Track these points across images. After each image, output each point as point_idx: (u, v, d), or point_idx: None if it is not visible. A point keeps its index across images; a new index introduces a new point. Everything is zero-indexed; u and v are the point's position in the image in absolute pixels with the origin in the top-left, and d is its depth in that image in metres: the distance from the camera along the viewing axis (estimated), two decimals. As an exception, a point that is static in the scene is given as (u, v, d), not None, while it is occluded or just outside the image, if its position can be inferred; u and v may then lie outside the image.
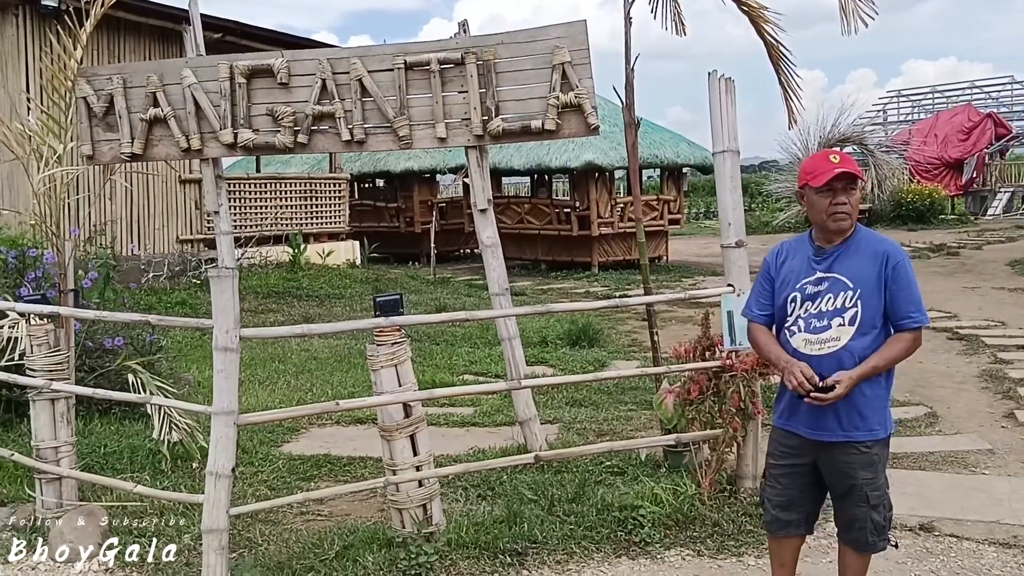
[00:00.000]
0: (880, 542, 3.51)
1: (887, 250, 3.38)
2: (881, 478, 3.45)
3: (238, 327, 4.19)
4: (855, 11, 6.84)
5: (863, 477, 3.40)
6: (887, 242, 3.44)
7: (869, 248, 3.40)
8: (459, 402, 7.62)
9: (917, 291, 3.35)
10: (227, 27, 14.81)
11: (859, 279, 3.36)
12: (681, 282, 16.71)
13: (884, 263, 3.34)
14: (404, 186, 22.45)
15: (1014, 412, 7.00)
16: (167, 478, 5.69)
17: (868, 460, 3.40)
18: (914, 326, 3.34)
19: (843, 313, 3.37)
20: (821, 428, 3.42)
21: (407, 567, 4.31)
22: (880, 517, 3.46)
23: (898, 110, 40.12)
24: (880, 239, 3.46)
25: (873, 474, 3.41)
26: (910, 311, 3.33)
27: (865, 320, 3.34)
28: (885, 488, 3.47)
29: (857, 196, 3.41)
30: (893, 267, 3.33)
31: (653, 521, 4.73)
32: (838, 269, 3.40)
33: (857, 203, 3.42)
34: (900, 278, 3.33)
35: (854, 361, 3.33)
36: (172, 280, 14.50)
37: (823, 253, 3.46)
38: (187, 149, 5.40)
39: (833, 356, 3.36)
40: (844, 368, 3.33)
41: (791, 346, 3.46)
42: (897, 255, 3.36)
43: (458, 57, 5.13)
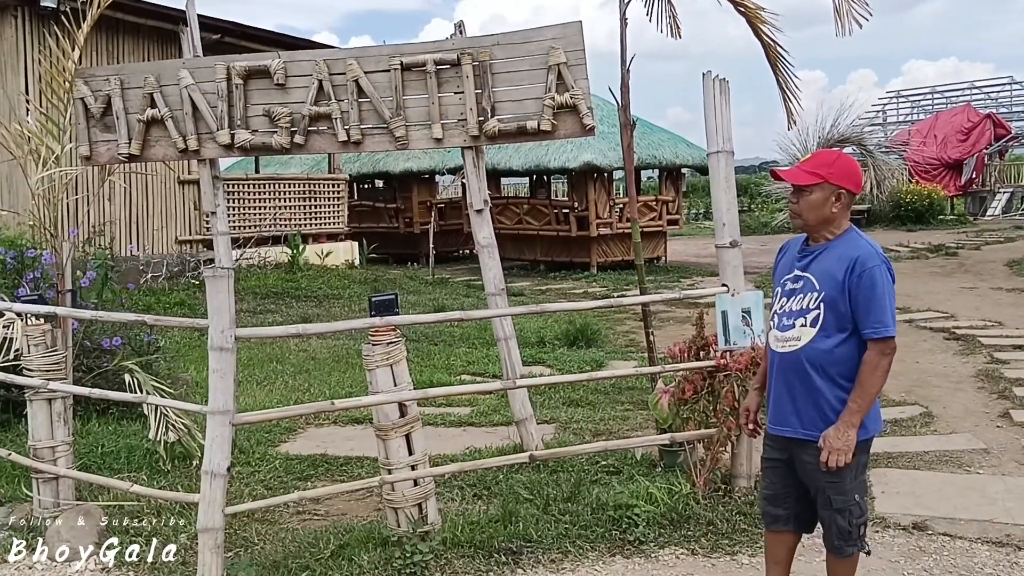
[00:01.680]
0: (847, 547, 3.42)
1: (858, 256, 3.28)
2: (848, 483, 3.35)
3: (233, 327, 4.21)
4: (849, 12, 6.85)
5: (825, 480, 3.34)
6: (863, 248, 3.32)
7: (843, 252, 3.33)
8: (456, 402, 7.64)
9: (883, 300, 3.24)
10: (225, 28, 14.84)
11: (825, 282, 3.31)
12: (679, 282, 16.73)
13: (851, 269, 3.26)
14: (403, 187, 22.48)
15: (1009, 412, 7.02)
16: (164, 478, 5.71)
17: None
18: (874, 336, 3.24)
19: (806, 314, 3.35)
20: (783, 424, 3.45)
21: (402, 566, 4.33)
22: (845, 522, 3.38)
23: (897, 111, 40.15)
24: (858, 244, 3.35)
25: (837, 478, 3.32)
26: (872, 321, 3.23)
27: (828, 323, 3.30)
28: (855, 494, 3.37)
29: (812, 199, 3.35)
30: (859, 274, 3.24)
31: (648, 520, 4.75)
32: (812, 269, 3.38)
33: (811, 206, 3.36)
34: (864, 286, 3.23)
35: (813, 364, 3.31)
36: (171, 281, 14.52)
37: (806, 252, 3.45)
38: (184, 150, 5.41)
39: (794, 355, 3.37)
40: (803, 368, 3.33)
41: (768, 342, 3.55)
42: (867, 262, 3.25)
43: (454, 58, 5.15)
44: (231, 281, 4.21)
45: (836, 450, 3.24)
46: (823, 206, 3.36)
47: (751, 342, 4.99)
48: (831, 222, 3.39)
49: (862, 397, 3.25)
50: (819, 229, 3.41)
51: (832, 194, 3.35)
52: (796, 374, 3.38)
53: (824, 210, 3.36)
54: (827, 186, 3.35)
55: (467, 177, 5.86)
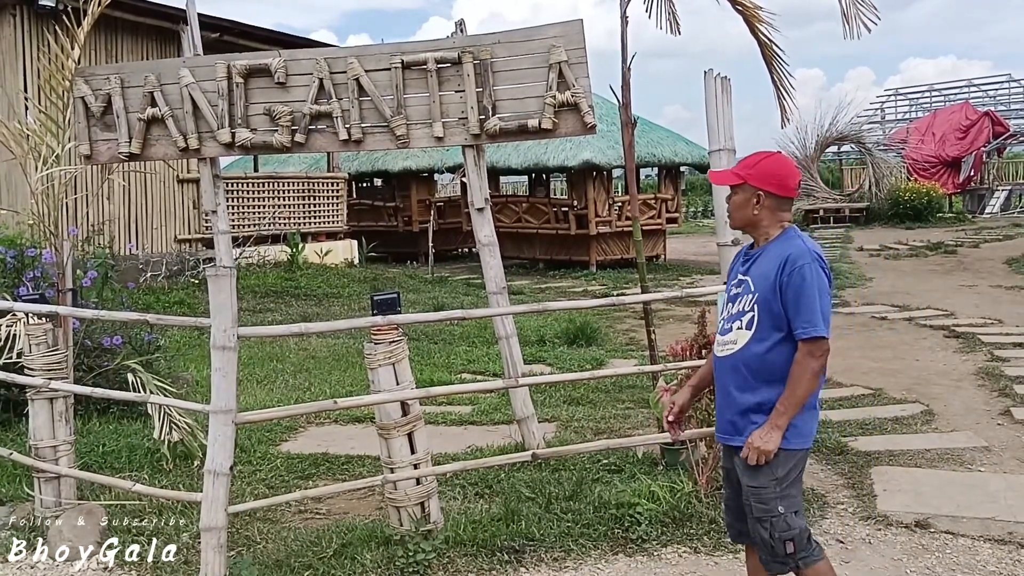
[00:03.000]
0: (773, 563, 3.26)
1: (789, 254, 3.18)
2: (770, 492, 3.19)
3: (236, 326, 4.21)
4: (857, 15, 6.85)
5: (747, 484, 3.25)
6: (796, 246, 3.22)
7: (777, 252, 3.23)
8: (457, 400, 7.64)
9: (811, 299, 3.12)
10: (225, 27, 14.82)
11: (759, 283, 3.23)
12: (679, 281, 16.73)
13: (781, 267, 3.17)
14: (402, 185, 22.46)
15: (1010, 409, 7.02)
16: (166, 477, 5.70)
17: (754, 468, 3.21)
18: (803, 336, 3.12)
19: (742, 316, 3.28)
20: (722, 430, 3.38)
21: (405, 565, 4.33)
22: (767, 534, 3.21)
23: (896, 108, 40.13)
24: (791, 244, 3.24)
25: (756, 484, 3.20)
26: (801, 320, 3.12)
27: (762, 325, 3.21)
28: (779, 506, 3.19)
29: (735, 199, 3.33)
30: (789, 272, 3.14)
31: (650, 518, 4.75)
32: (751, 272, 3.30)
33: (734, 206, 3.33)
34: (793, 284, 3.13)
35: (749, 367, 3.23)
36: (170, 280, 14.50)
37: (748, 255, 3.39)
38: (185, 148, 5.40)
39: (730, 359, 3.30)
40: (740, 371, 3.25)
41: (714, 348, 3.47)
42: (798, 260, 3.15)
43: (455, 56, 5.14)
44: (233, 280, 4.21)
45: (755, 448, 3.15)
46: (744, 207, 3.31)
47: (753, 340, 4.97)
48: (756, 225, 3.32)
49: (789, 398, 3.14)
50: (748, 231, 3.37)
51: (752, 196, 3.28)
52: (733, 378, 3.29)
53: (746, 212, 3.31)
54: (747, 187, 3.29)
55: (468, 175, 5.86)
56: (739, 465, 3.27)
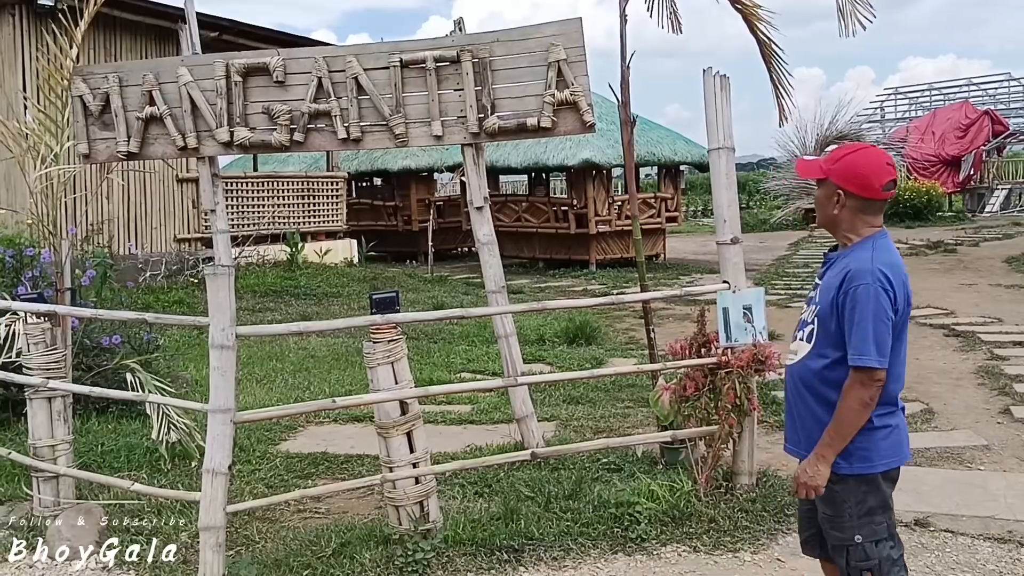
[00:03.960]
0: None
1: (851, 271, 2.94)
2: (847, 521, 3.02)
3: (234, 325, 4.20)
4: (853, 13, 6.86)
5: (822, 511, 3.10)
6: (861, 262, 2.95)
7: (845, 264, 3.00)
8: (456, 400, 7.63)
9: (864, 324, 2.87)
10: (223, 26, 14.81)
11: (823, 295, 3.04)
12: (678, 280, 16.72)
13: (841, 284, 2.95)
14: (401, 184, 22.46)
15: (1010, 408, 7.02)
16: (165, 477, 5.70)
17: (826, 495, 3.02)
18: (852, 364, 2.90)
19: (805, 327, 3.12)
20: (789, 440, 3.23)
21: (404, 564, 4.32)
22: (843, 563, 3.05)
23: (895, 107, 40.15)
24: (859, 257, 2.98)
25: (833, 512, 3.04)
26: (851, 346, 2.91)
27: (820, 341, 3.02)
28: (856, 534, 3.01)
29: (818, 194, 3.12)
30: (845, 292, 2.92)
31: (649, 518, 4.74)
32: (824, 279, 3.10)
33: (818, 202, 3.14)
34: (847, 305, 2.92)
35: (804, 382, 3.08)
36: (169, 279, 14.49)
37: (827, 259, 3.17)
38: (183, 147, 5.39)
39: (792, 369, 3.16)
40: (796, 384, 3.11)
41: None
42: (856, 279, 2.91)
43: (454, 55, 5.13)
44: (232, 279, 4.20)
45: (801, 484, 3.00)
46: (825, 205, 3.10)
47: (753, 339, 4.97)
48: (837, 224, 3.08)
49: (835, 429, 2.94)
50: (831, 230, 3.13)
51: (832, 194, 3.04)
52: (791, 389, 3.17)
53: (827, 209, 3.09)
54: (828, 183, 3.06)
55: (467, 174, 5.85)
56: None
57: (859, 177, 3.01)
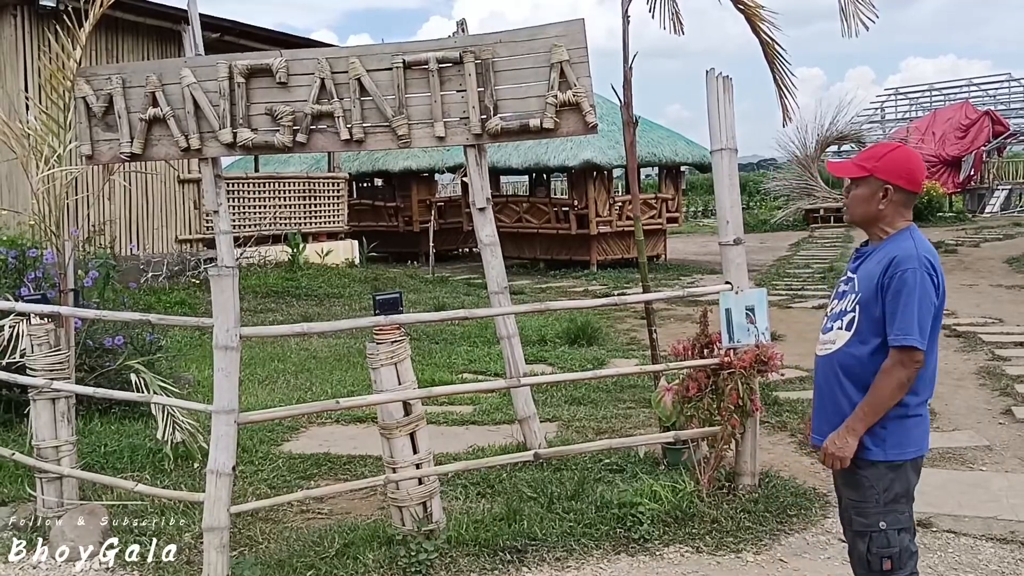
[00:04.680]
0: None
1: (895, 256, 3.06)
2: (871, 506, 3.09)
3: (238, 326, 4.21)
4: (855, 13, 6.87)
5: (848, 497, 3.18)
6: (905, 248, 3.08)
7: (886, 252, 3.11)
8: (458, 400, 7.64)
9: (910, 306, 3.00)
10: (225, 27, 14.82)
11: (864, 283, 3.13)
12: (679, 280, 16.73)
13: (885, 270, 3.05)
14: (402, 185, 22.47)
15: (1011, 409, 7.03)
16: (168, 477, 5.70)
17: (853, 479, 3.13)
18: (895, 344, 3.01)
19: (843, 316, 3.18)
20: (819, 433, 3.25)
21: (407, 564, 4.33)
22: (864, 549, 3.10)
23: (896, 108, 40.17)
24: (901, 245, 3.10)
25: (859, 497, 3.12)
26: (895, 328, 3.01)
27: (863, 328, 3.10)
28: (880, 522, 3.08)
29: (858, 193, 3.17)
30: (891, 276, 3.03)
31: (652, 518, 4.75)
32: (860, 270, 3.19)
33: (856, 201, 3.19)
34: (893, 288, 3.02)
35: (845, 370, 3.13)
36: (171, 280, 14.50)
37: (860, 253, 3.27)
38: (186, 149, 5.39)
39: (827, 359, 3.21)
40: (835, 373, 3.15)
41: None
42: (903, 264, 3.02)
43: (456, 56, 5.14)
44: (236, 280, 4.21)
45: (829, 454, 3.08)
46: (868, 201, 3.16)
47: (755, 340, 4.98)
48: (879, 220, 3.17)
49: (869, 404, 3.04)
50: (868, 226, 3.21)
51: (879, 189, 3.13)
52: (827, 380, 3.20)
53: (869, 206, 3.16)
54: (873, 180, 3.15)
55: (469, 175, 5.86)
56: (839, 474, 3.19)
57: (908, 172, 3.17)
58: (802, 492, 5.22)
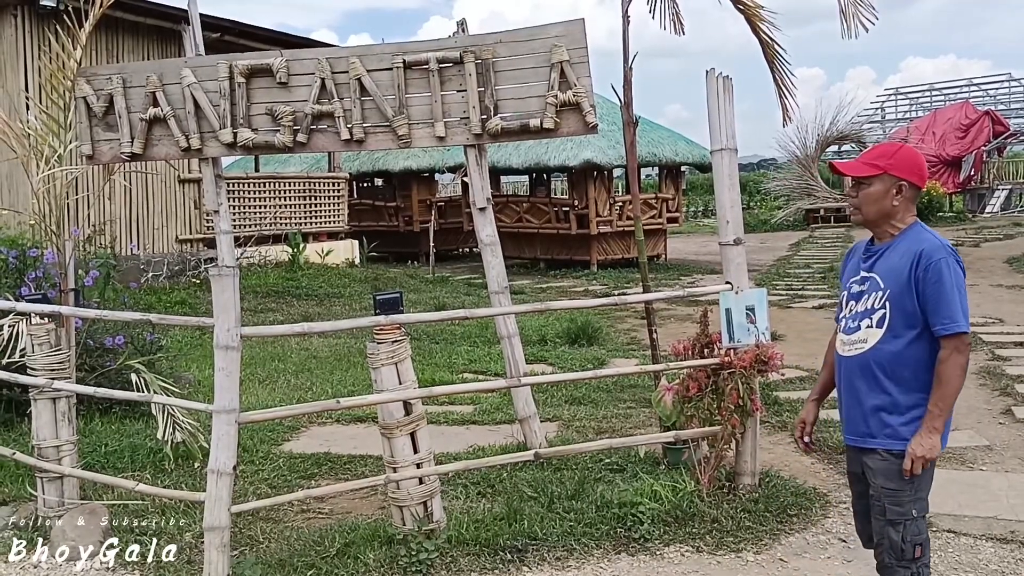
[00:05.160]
0: (900, 567, 3.18)
1: (923, 249, 3.12)
2: (906, 495, 3.17)
3: (239, 325, 4.22)
4: (855, 15, 6.88)
5: (882, 486, 3.20)
6: (928, 240, 3.16)
7: (908, 246, 3.18)
8: (459, 400, 7.64)
9: (951, 294, 3.07)
10: (225, 27, 14.82)
11: (890, 279, 3.17)
12: (680, 280, 16.74)
13: (916, 263, 3.11)
14: (403, 185, 22.48)
15: (1011, 409, 7.03)
16: (169, 477, 5.71)
17: (889, 470, 3.18)
18: (944, 333, 3.07)
19: (872, 314, 3.21)
20: (853, 432, 3.31)
21: (408, 564, 4.34)
22: (898, 537, 3.16)
23: (896, 108, 40.16)
24: (922, 237, 3.19)
25: (895, 486, 3.17)
26: (941, 317, 3.07)
27: (895, 323, 3.15)
28: (912, 510, 3.18)
29: (872, 191, 3.22)
30: (925, 268, 3.09)
31: (652, 518, 4.75)
32: (877, 268, 3.24)
33: (871, 199, 3.23)
34: (930, 280, 3.08)
35: (881, 366, 3.17)
36: (171, 280, 14.51)
37: (871, 251, 3.32)
38: (187, 148, 5.40)
39: (861, 358, 3.24)
40: (871, 371, 3.20)
41: (836, 348, 3.40)
42: (933, 255, 3.10)
43: (457, 56, 5.14)
44: (236, 280, 4.21)
45: (920, 457, 3.10)
46: (883, 199, 3.23)
47: (755, 340, 4.99)
48: (892, 216, 3.24)
49: (943, 399, 3.11)
50: (880, 224, 3.27)
51: (893, 186, 3.21)
52: (863, 378, 3.23)
53: (884, 203, 3.23)
54: (887, 177, 3.22)
55: (469, 175, 5.86)
56: (875, 466, 3.22)
57: (918, 168, 3.28)
58: (802, 492, 5.22)
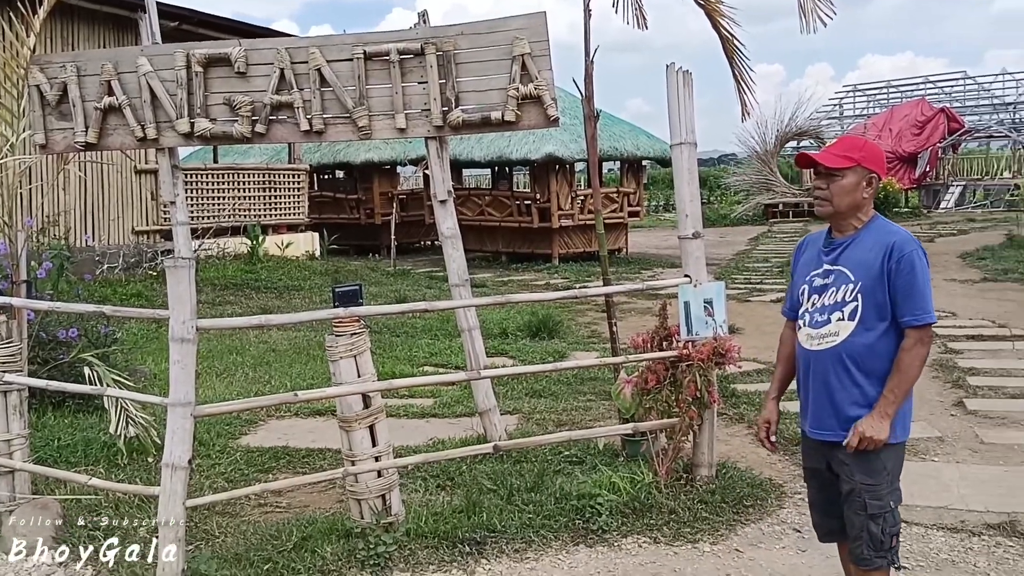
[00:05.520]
0: (877, 558, 3.23)
1: (894, 241, 3.15)
2: (884, 488, 3.21)
3: (195, 318, 4.17)
4: (814, 10, 6.95)
5: (861, 482, 3.20)
6: (897, 233, 3.19)
7: (876, 239, 3.19)
8: (419, 393, 7.63)
9: (923, 286, 3.12)
10: (183, 15, 14.60)
11: (861, 271, 3.18)
12: (640, 274, 16.83)
13: (888, 255, 3.13)
14: (364, 177, 22.36)
15: (963, 401, 7.16)
16: (123, 472, 5.63)
17: (870, 464, 3.19)
18: (915, 324, 3.11)
19: (843, 307, 3.21)
20: (822, 427, 3.30)
21: (366, 557, 4.32)
22: (878, 529, 3.20)
23: (854, 104, 40.65)
24: (891, 230, 3.22)
25: (874, 481, 3.19)
26: (912, 308, 3.11)
27: (867, 315, 3.16)
28: (891, 500, 3.23)
29: (845, 183, 3.21)
30: (898, 260, 3.11)
31: (610, 509, 4.79)
32: (843, 261, 3.24)
33: (843, 191, 3.22)
34: (903, 271, 3.11)
35: (854, 359, 3.18)
36: (127, 272, 14.30)
37: (831, 244, 3.31)
38: (143, 138, 5.34)
39: (832, 352, 3.23)
40: (843, 364, 3.20)
41: (798, 341, 3.38)
42: (905, 247, 3.13)
43: (418, 47, 5.13)
44: (192, 271, 4.16)
45: (866, 437, 3.12)
46: (855, 191, 3.23)
47: (713, 332, 5.04)
48: (860, 208, 3.25)
49: (900, 386, 3.13)
50: (847, 216, 3.26)
51: (864, 178, 3.23)
52: (835, 372, 3.23)
53: (856, 195, 3.23)
54: (860, 170, 3.22)
55: (431, 168, 5.84)
56: (850, 462, 3.21)
57: (883, 161, 3.34)
58: (758, 483, 5.29)
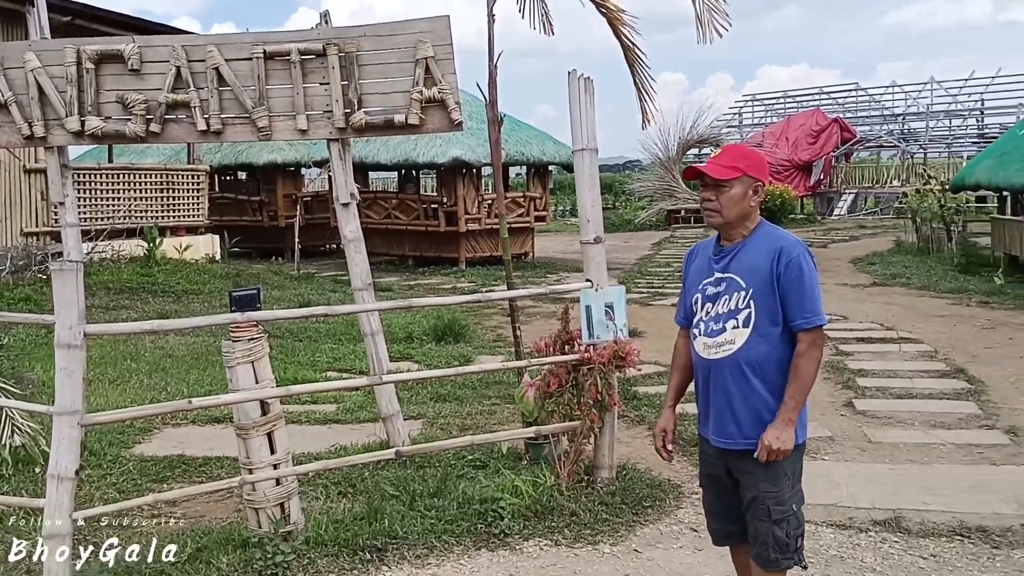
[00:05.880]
0: (784, 560, 3.22)
1: (782, 246, 3.17)
2: (786, 492, 3.20)
3: (83, 323, 4.03)
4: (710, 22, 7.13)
5: (764, 490, 3.19)
6: (784, 238, 3.23)
7: (765, 245, 3.21)
8: (322, 399, 7.52)
9: (812, 289, 3.14)
10: (76, 10, 14.08)
11: (751, 278, 3.18)
12: (546, 278, 16.96)
13: (776, 259, 3.14)
14: (267, 179, 21.95)
15: (852, 401, 7.43)
16: (7, 483, 5.39)
17: (771, 472, 3.18)
18: (806, 327, 3.13)
19: (737, 315, 3.20)
20: (724, 436, 3.26)
21: (263, 567, 4.24)
22: (783, 533, 3.19)
23: (752, 113, 41.83)
24: (778, 235, 3.24)
25: (776, 488, 3.18)
26: (803, 311, 3.12)
27: (760, 322, 3.16)
28: (793, 503, 3.22)
29: (733, 193, 3.20)
30: (786, 264, 3.13)
31: (513, 513, 4.80)
32: (734, 268, 3.23)
33: (732, 201, 3.21)
34: (792, 275, 3.12)
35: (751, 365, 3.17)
36: (15, 275, 13.68)
37: (721, 252, 3.30)
38: (30, 136, 5.11)
39: (730, 359, 3.21)
40: (740, 371, 3.19)
41: (695, 350, 3.35)
42: (792, 251, 3.14)
43: (319, 48, 5.05)
44: (80, 275, 4.03)
45: (774, 450, 3.11)
46: (743, 200, 3.23)
47: (614, 336, 5.10)
48: (748, 216, 3.26)
49: (799, 391, 3.14)
50: (736, 225, 3.26)
51: (750, 187, 3.24)
52: (733, 379, 3.21)
53: (744, 204, 3.23)
54: (746, 179, 3.23)
55: (333, 170, 5.77)
56: (754, 470, 3.19)
57: (766, 168, 3.36)
58: (657, 484, 5.38)
